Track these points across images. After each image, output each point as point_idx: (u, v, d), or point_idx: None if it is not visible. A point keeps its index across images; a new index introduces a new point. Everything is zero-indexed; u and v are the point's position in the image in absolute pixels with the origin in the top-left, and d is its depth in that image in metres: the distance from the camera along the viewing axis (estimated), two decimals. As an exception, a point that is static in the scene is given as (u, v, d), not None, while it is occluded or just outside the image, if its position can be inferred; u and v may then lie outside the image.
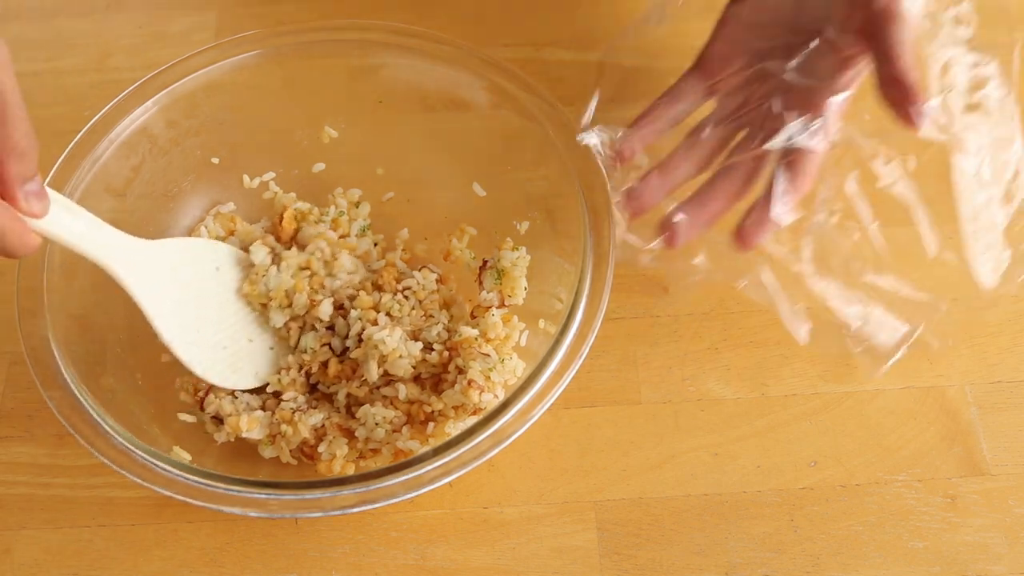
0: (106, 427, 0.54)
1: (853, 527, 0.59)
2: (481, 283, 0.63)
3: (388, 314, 0.62)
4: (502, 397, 0.59)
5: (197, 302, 0.60)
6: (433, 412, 0.60)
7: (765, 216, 0.60)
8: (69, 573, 0.59)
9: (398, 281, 0.64)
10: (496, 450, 0.53)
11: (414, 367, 0.60)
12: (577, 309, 0.57)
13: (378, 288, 0.64)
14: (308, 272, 0.63)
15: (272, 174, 0.69)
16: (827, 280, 0.61)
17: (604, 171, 0.61)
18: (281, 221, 0.66)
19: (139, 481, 0.53)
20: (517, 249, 0.64)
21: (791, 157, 0.60)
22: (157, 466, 0.53)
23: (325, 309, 0.62)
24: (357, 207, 0.68)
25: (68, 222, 0.53)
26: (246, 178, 0.69)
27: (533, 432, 0.55)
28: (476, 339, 0.60)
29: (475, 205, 0.68)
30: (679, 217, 0.61)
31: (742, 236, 0.61)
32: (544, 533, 0.60)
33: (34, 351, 0.56)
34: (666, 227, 0.61)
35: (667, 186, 0.63)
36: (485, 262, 0.64)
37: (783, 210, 0.60)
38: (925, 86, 0.56)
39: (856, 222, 0.61)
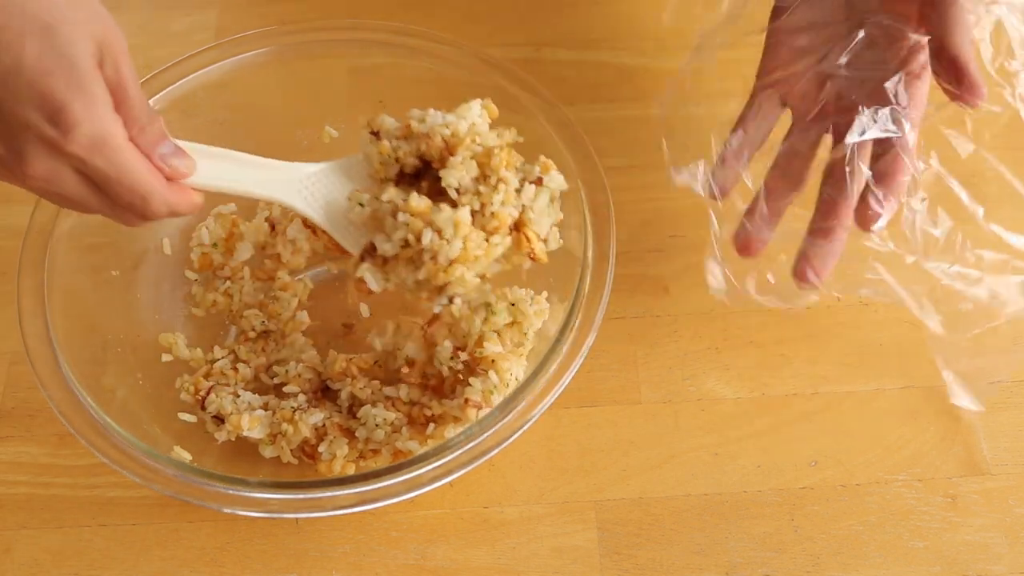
0: (106, 427, 0.54)
1: (853, 527, 0.59)
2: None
3: (440, 232, 0.52)
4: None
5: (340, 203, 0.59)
6: (433, 415, 0.60)
7: (827, 249, 0.59)
8: (69, 573, 0.59)
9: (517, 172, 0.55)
10: (496, 450, 0.53)
11: (423, 375, 0.60)
12: (577, 309, 0.57)
13: (442, 160, 0.54)
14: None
15: (272, 174, 0.69)
16: (938, 263, 0.58)
17: (712, 214, 0.60)
18: None
19: (139, 481, 0.53)
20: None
21: (876, 153, 0.58)
22: (157, 466, 0.53)
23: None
24: None
25: (220, 169, 0.53)
26: (246, 178, 0.69)
27: (533, 432, 0.55)
28: (496, 360, 0.58)
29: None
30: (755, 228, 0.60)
31: (807, 264, 0.59)
32: (544, 533, 0.60)
33: (34, 351, 0.56)
34: (742, 240, 0.60)
35: (773, 217, 0.60)
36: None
37: (882, 210, 0.57)
38: (980, 63, 0.56)
39: (948, 202, 0.58)
